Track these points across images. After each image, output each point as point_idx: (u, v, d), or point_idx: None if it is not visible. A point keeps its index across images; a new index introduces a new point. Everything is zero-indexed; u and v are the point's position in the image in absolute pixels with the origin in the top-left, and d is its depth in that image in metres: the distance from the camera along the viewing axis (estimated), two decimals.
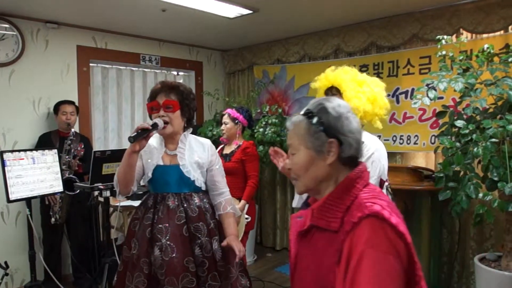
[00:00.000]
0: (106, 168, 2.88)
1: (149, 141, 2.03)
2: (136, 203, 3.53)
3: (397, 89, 3.74)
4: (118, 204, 3.45)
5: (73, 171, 3.48)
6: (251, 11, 3.55)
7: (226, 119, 3.42)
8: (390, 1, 3.37)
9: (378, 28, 3.88)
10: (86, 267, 3.69)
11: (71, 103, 3.72)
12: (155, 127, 1.91)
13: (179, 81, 2.63)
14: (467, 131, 2.48)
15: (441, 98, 3.29)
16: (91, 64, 4.24)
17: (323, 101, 1.21)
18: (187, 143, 2.09)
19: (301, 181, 1.20)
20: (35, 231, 2.86)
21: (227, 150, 3.44)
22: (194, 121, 2.20)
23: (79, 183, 3.14)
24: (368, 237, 1.01)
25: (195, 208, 2.02)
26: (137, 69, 4.70)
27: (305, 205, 1.80)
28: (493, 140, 2.32)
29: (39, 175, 2.80)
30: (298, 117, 1.22)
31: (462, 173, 2.52)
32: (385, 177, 1.91)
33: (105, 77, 4.45)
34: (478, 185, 2.42)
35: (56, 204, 3.42)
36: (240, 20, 3.83)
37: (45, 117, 3.85)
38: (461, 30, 3.38)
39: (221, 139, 3.56)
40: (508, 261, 2.66)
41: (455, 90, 2.56)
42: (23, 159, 2.72)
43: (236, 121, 3.40)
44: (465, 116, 2.62)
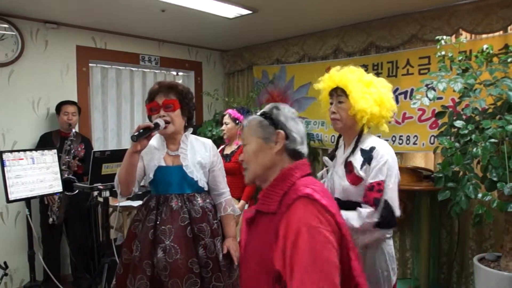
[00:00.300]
0: (106, 168, 2.88)
1: (150, 142, 2.02)
2: (136, 203, 3.54)
3: (397, 90, 3.74)
4: (118, 204, 3.45)
5: (73, 172, 3.48)
6: (251, 12, 3.55)
7: (227, 119, 3.42)
8: (389, 2, 3.37)
9: (377, 29, 3.88)
10: (85, 267, 3.69)
11: (73, 104, 3.72)
12: (157, 127, 1.91)
13: (177, 81, 2.64)
14: (466, 132, 2.47)
15: (440, 99, 3.29)
16: (91, 64, 4.25)
17: (277, 104, 1.39)
18: (189, 143, 2.09)
19: (251, 168, 1.35)
20: (35, 231, 2.85)
21: (228, 150, 3.44)
22: (194, 121, 2.20)
23: (79, 183, 3.14)
24: (302, 215, 1.14)
25: (199, 209, 2.02)
26: (137, 69, 4.70)
27: None
28: (492, 141, 2.32)
29: (39, 175, 2.80)
30: (254, 116, 1.39)
31: (461, 174, 2.52)
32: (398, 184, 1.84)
33: (105, 77, 4.45)
34: (477, 186, 2.42)
35: (55, 204, 3.42)
36: (240, 21, 3.83)
37: (45, 117, 3.84)
38: (461, 31, 3.38)
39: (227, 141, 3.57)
40: (507, 261, 2.66)
41: (454, 91, 2.56)
42: (23, 159, 2.72)
43: (237, 122, 3.41)
44: (464, 117, 2.62)
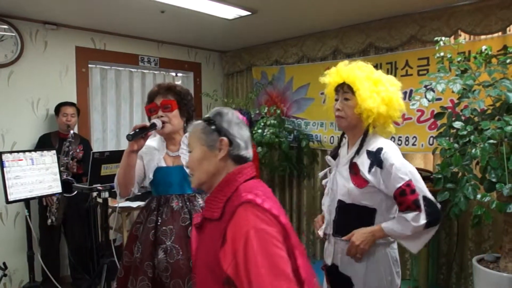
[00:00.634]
0: (105, 169, 2.88)
1: (150, 143, 2.05)
2: (135, 204, 3.53)
3: None
4: (117, 205, 3.45)
5: (71, 173, 3.48)
6: (250, 13, 3.55)
7: None
8: (388, 3, 3.38)
9: (376, 30, 3.88)
10: (85, 268, 3.69)
11: (72, 105, 3.72)
12: (153, 127, 1.92)
13: (176, 83, 2.64)
14: (465, 133, 2.48)
15: (439, 100, 3.29)
16: (90, 65, 4.24)
17: (220, 109, 1.39)
18: None
19: (196, 175, 1.36)
20: (34, 232, 2.85)
21: None
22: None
23: (78, 184, 3.14)
24: (247, 219, 1.16)
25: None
26: (136, 70, 4.70)
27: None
28: (491, 142, 2.32)
29: (38, 176, 2.80)
30: (198, 122, 1.39)
31: (460, 174, 2.52)
32: None
33: (104, 78, 4.45)
34: (476, 186, 2.42)
35: (53, 206, 3.41)
36: (239, 22, 3.83)
37: (44, 118, 3.84)
38: (459, 32, 3.38)
39: None
40: (507, 262, 2.66)
41: (453, 92, 2.56)
42: (22, 160, 2.72)
43: None
44: (463, 118, 2.62)
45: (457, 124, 2.55)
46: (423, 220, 1.62)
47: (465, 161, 2.44)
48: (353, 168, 1.78)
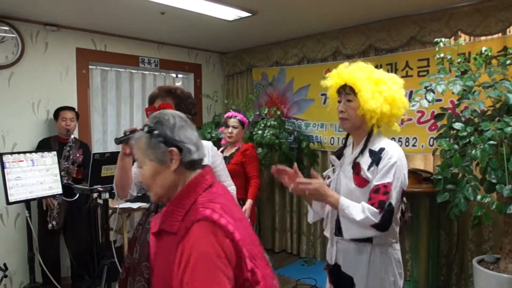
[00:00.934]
0: (105, 170, 2.89)
1: None
2: (135, 205, 3.54)
3: None
4: (117, 206, 3.45)
5: (71, 178, 3.48)
6: (250, 14, 3.56)
7: (236, 123, 3.38)
8: (388, 4, 3.38)
9: (376, 31, 3.89)
10: (85, 269, 3.69)
11: (71, 109, 3.71)
12: None
13: (177, 85, 2.65)
14: (465, 134, 2.48)
15: (440, 101, 3.30)
16: (90, 67, 4.25)
17: (158, 115, 1.32)
18: None
19: (152, 191, 1.30)
20: (34, 233, 2.86)
21: (227, 153, 3.45)
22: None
23: (78, 186, 3.14)
24: (195, 241, 1.13)
25: None
26: (136, 72, 4.71)
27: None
28: (491, 142, 2.32)
29: (39, 177, 2.80)
30: (139, 133, 1.30)
31: (461, 175, 2.52)
32: (405, 187, 1.78)
33: (104, 80, 4.45)
34: (476, 187, 2.42)
35: (54, 210, 3.41)
36: (239, 23, 3.84)
37: (45, 119, 3.85)
38: (459, 33, 3.39)
39: (223, 142, 3.56)
40: (507, 263, 2.66)
41: (453, 93, 2.57)
42: (23, 161, 2.73)
43: (244, 125, 3.43)
44: (463, 119, 2.62)
45: (457, 125, 2.56)
46: (375, 220, 1.64)
47: (465, 162, 2.45)
48: (356, 168, 1.79)
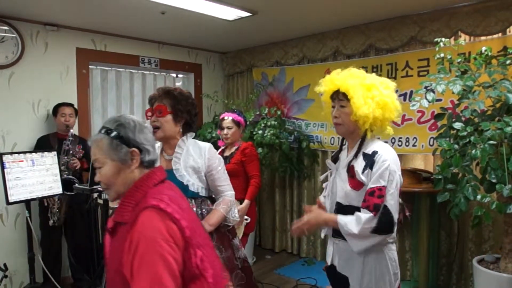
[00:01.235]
0: None
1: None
2: None
3: (396, 92, 3.72)
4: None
5: (72, 171, 3.48)
6: (250, 14, 3.56)
7: (230, 124, 3.37)
8: (388, 4, 3.38)
9: (377, 31, 3.89)
10: (85, 269, 3.69)
11: (70, 105, 3.72)
12: None
13: (178, 86, 2.65)
14: (465, 133, 2.48)
15: (440, 100, 3.30)
16: (91, 67, 4.25)
17: (119, 118, 1.42)
18: (185, 148, 2.09)
19: (113, 189, 1.39)
20: (34, 233, 2.86)
21: (227, 153, 3.44)
22: (194, 126, 2.20)
23: (79, 185, 3.14)
24: (143, 227, 1.22)
25: None
26: (136, 71, 4.71)
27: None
28: (491, 142, 2.32)
29: (38, 177, 2.80)
30: (98, 135, 1.39)
31: (461, 175, 2.53)
32: (401, 185, 1.81)
33: (104, 79, 4.45)
34: (476, 187, 2.42)
35: (55, 206, 3.42)
36: (239, 23, 3.84)
37: (45, 119, 3.85)
38: (459, 33, 3.39)
39: (220, 144, 3.56)
40: (507, 263, 2.66)
41: (453, 93, 2.57)
42: (23, 161, 2.73)
43: (239, 125, 3.41)
44: (463, 118, 2.62)
45: (457, 125, 2.56)
46: (373, 224, 1.68)
47: (465, 162, 2.45)
48: (351, 171, 1.82)
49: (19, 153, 2.76)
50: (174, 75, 5.17)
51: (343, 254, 1.86)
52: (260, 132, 4.33)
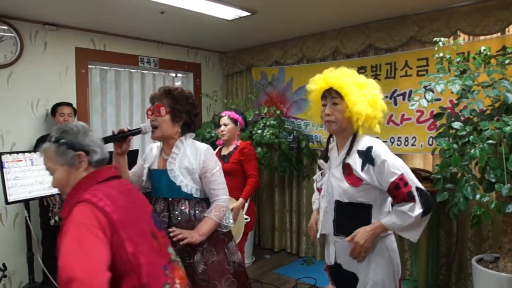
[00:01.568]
0: None
1: (152, 146, 2.14)
2: None
3: (395, 91, 3.76)
4: None
5: None
6: (250, 13, 3.56)
7: (226, 121, 3.40)
8: (388, 4, 3.38)
9: (376, 30, 3.89)
10: None
11: (69, 105, 3.72)
12: (137, 132, 2.00)
13: (178, 86, 2.65)
14: (464, 133, 2.48)
15: (439, 100, 3.30)
16: (90, 66, 4.25)
17: (63, 127, 1.50)
18: (183, 148, 2.08)
19: (66, 192, 1.46)
20: (33, 233, 2.85)
21: (225, 152, 3.44)
22: (194, 127, 2.19)
23: None
24: (74, 216, 1.30)
25: (178, 215, 1.99)
26: (136, 71, 4.70)
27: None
28: (490, 142, 2.32)
29: (38, 177, 2.80)
30: (45, 144, 1.48)
31: (460, 175, 2.53)
32: None
33: (104, 79, 4.45)
34: (475, 187, 2.42)
35: (56, 206, 3.42)
36: (239, 22, 3.84)
37: (44, 119, 3.84)
38: (458, 32, 3.39)
39: (218, 143, 3.56)
40: (506, 262, 2.66)
41: (452, 92, 2.57)
42: (22, 161, 2.73)
43: (237, 122, 3.41)
44: (462, 118, 2.63)
45: (456, 125, 2.56)
46: (419, 209, 1.72)
47: (464, 162, 2.45)
48: (346, 169, 1.85)
49: (18, 153, 2.76)
50: (174, 75, 5.17)
51: (347, 251, 1.87)
52: (259, 132, 4.33)
